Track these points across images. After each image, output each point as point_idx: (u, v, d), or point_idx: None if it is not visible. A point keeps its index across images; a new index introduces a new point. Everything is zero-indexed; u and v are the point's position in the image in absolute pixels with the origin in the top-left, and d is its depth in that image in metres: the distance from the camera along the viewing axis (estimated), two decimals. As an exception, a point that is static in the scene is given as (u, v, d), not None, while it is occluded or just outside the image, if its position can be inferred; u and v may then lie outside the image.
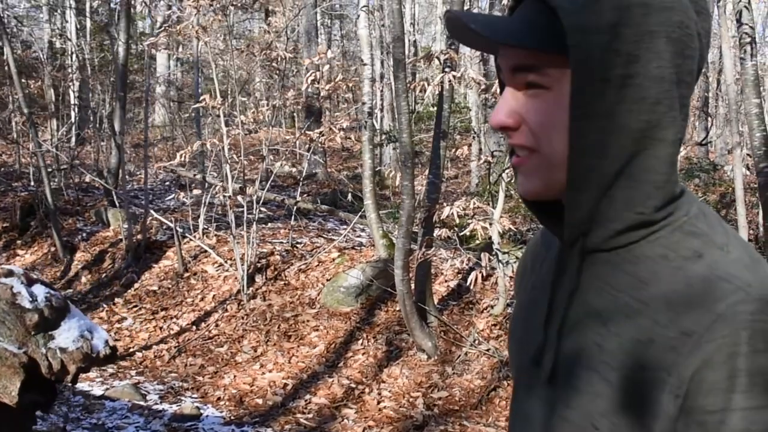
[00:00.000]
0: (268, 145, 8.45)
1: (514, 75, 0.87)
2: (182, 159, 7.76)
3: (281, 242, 8.41)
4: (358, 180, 10.21)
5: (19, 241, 9.18)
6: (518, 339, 1.02)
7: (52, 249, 8.76)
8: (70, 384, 2.13)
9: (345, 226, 9.11)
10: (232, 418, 5.54)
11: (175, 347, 6.78)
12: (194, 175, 9.34)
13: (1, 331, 1.15)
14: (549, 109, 0.85)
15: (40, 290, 1.32)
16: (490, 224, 6.24)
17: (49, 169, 9.53)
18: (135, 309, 7.55)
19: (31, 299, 1.23)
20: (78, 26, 16.08)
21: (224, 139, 7.93)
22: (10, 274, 1.20)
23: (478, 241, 7.53)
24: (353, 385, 5.95)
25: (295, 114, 15.70)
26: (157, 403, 5.75)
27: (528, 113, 0.87)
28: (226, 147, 7.91)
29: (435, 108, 7.85)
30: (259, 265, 7.78)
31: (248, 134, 9.97)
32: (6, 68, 10.54)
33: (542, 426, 0.91)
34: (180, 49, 15.95)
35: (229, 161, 8.03)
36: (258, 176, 8.33)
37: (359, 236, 8.82)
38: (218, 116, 8.30)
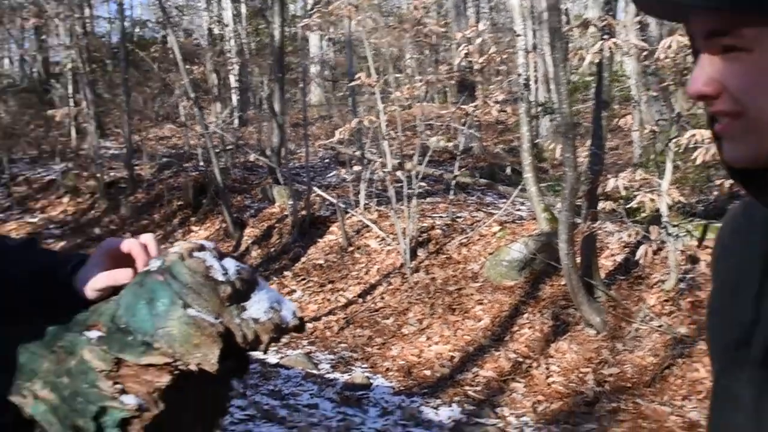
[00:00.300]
0: (423, 120, 8.50)
1: (709, 40, 0.82)
2: (341, 136, 7.95)
3: (441, 216, 8.46)
4: (515, 153, 10.08)
5: (193, 218, 9.75)
6: (720, 317, 0.96)
7: (224, 225, 9.24)
8: (263, 353, 2.24)
9: (504, 200, 9.02)
10: (402, 388, 5.66)
11: (343, 319, 7.00)
12: (353, 151, 9.55)
13: (199, 303, 1.21)
14: (752, 72, 0.79)
15: (230, 264, 1.39)
16: (658, 196, 6.00)
17: (216, 150, 10.02)
18: (303, 282, 7.84)
19: (223, 272, 1.29)
20: (234, 12, 16.70)
21: (381, 115, 8.03)
22: (201, 248, 1.27)
23: (644, 214, 7.25)
24: (520, 359, 5.92)
25: (447, 89, 15.64)
26: (329, 372, 5.97)
27: (728, 79, 0.81)
28: (383, 123, 8.02)
29: (592, 78, 7.60)
30: (420, 239, 7.87)
31: (402, 110, 10.06)
32: (171, 56, 11.16)
33: (756, 407, 0.86)
34: (332, 30, 16.25)
35: (386, 137, 8.13)
36: (415, 151, 8.39)
37: (519, 210, 8.71)
38: (373, 93, 8.42)
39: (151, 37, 17.99)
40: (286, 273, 8.06)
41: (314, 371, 5.94)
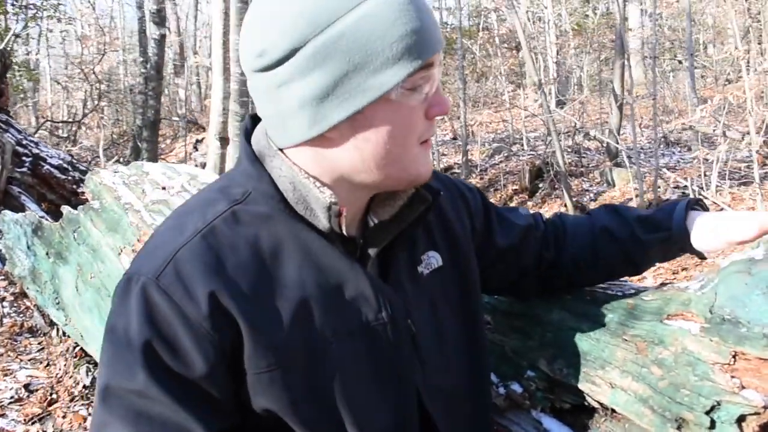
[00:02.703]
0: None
1: None
2: (702, 114, 7.43)
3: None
4: None
5: (529, 203, 9.75)
6: None
7: (563, 209, 9.09)
8: None
9: None
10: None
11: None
12: (713, 129, 8.95)
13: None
14: None
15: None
16: None
17: (562, 132, 9.92)
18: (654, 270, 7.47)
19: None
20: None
21: (747, 89, 7.38)
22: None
23: None
24: None
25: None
26: None
27: None
28: (751, 97, 7.36)
29: None
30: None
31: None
32: (491, 42, 11.15)
33: None
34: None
35: (752, 113, 7.46)
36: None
37: None
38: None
39: (470, 26, 18.50)
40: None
41: None
